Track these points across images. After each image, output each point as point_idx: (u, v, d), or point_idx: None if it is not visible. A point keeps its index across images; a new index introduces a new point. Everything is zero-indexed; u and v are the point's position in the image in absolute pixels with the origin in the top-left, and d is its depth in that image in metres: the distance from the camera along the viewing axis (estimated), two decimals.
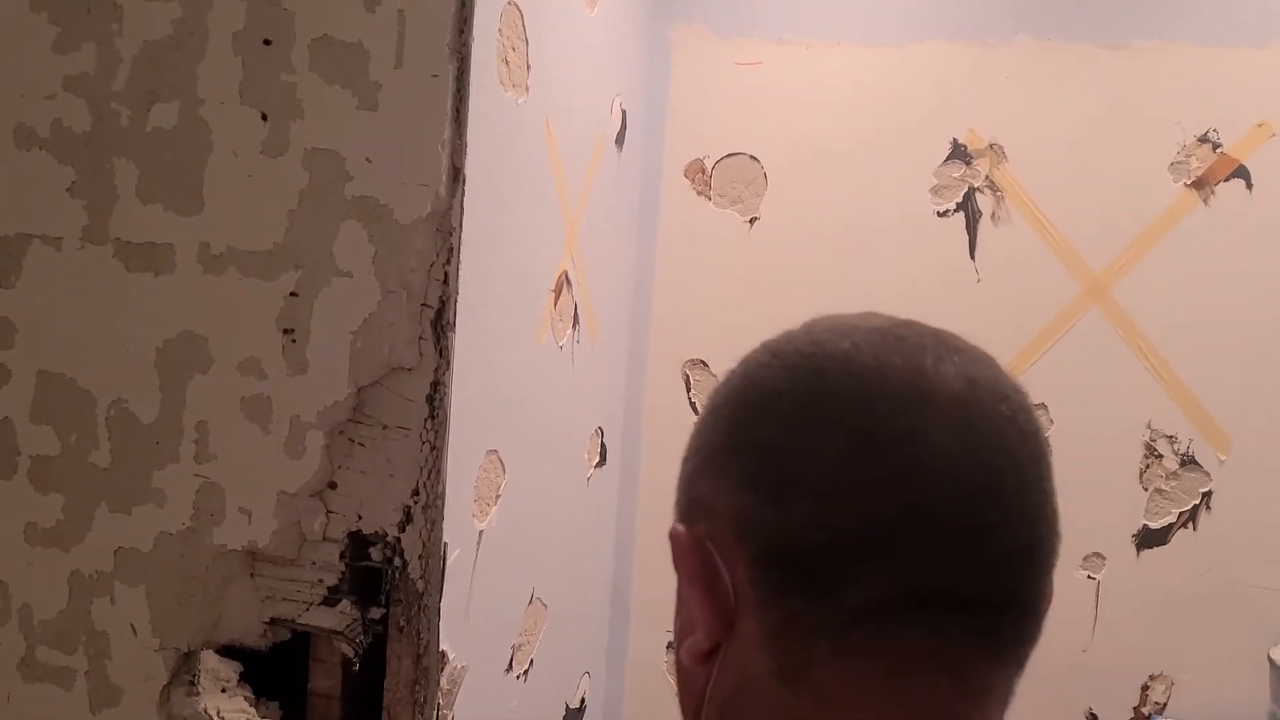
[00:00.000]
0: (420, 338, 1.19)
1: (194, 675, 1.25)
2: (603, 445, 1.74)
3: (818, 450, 0.48)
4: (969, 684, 0.48)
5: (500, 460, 1.35)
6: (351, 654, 1.21)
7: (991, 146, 1.63)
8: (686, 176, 1.78)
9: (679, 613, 0.54)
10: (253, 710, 1.23)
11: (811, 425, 0.49)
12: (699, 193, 1.79)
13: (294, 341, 1.23)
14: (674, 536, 0.53)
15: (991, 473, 0.47)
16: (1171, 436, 1.58)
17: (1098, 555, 1.62)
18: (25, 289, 1.33)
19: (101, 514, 1.29)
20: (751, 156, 1.74)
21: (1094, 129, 1.59)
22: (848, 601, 0.47)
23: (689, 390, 1.82)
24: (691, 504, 0.54)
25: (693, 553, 0.52)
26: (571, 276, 1.53)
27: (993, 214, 1.64)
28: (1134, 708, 1.61)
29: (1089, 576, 1.62)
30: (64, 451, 1.31)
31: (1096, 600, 1.60)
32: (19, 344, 1.33)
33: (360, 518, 1.21)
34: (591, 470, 1.71)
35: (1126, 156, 1.56)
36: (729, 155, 1.76)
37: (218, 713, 1.21)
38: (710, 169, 1.79)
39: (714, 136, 1.75)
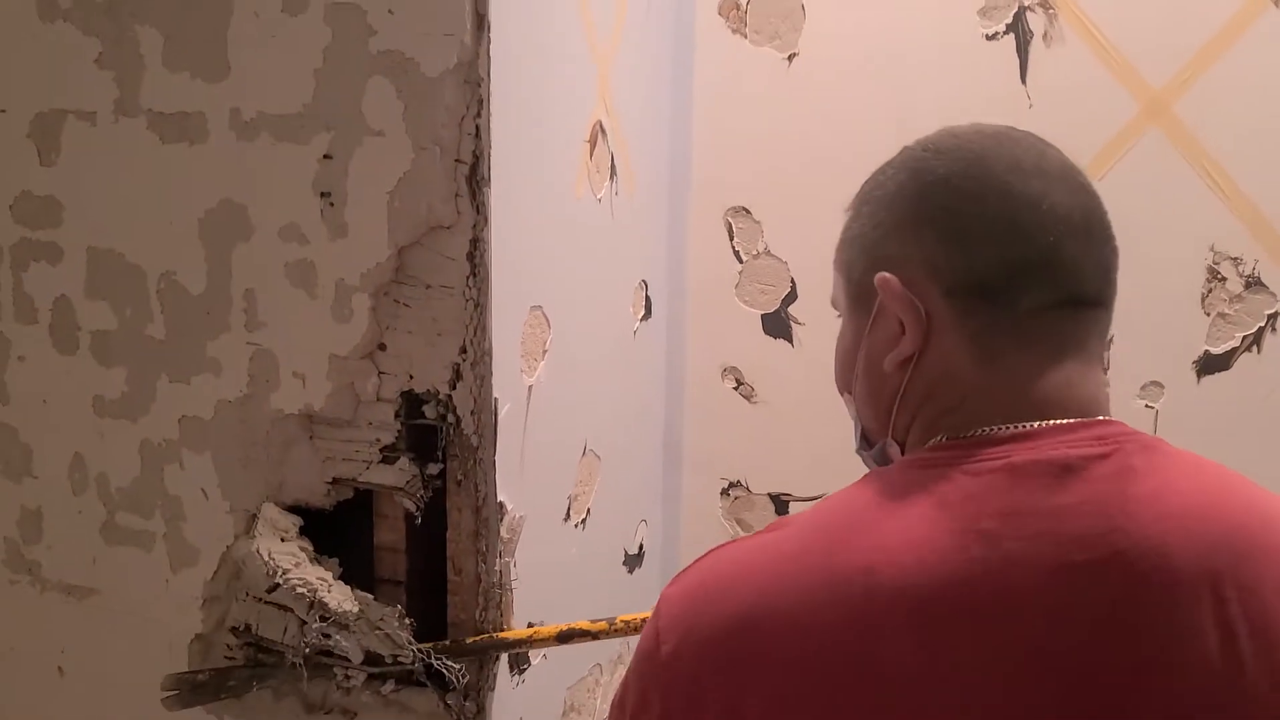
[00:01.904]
0: (456, 194, 1.18)
1: (255, 525, 1.30)
2: (647, 298, 1.74)
3: (988, 211, 0.71)
4: (1092, 356, 0.72)
5: (545, 316, 1.35)
6: (413, 508, 1.24)
7: None
8: (720, 14, 1.71)
9: (873, 342, 0.77)
10: (303, 555, 1.28)
11: (980, 195, 0.72)
12: (734, 30, 1.72)
13: (332, 205, 1.22)
14: (881, 283, 0.74)
15: (1092, 215, 0.72)
16: (1236, 258, 1.53)
17: (1156, 384, 1.59)
18: (66, 166, 1.34)
19: (163, 384, 1.33)
20: None
21: None
22: (1021, 307, 0.70)
23: (732, 239, 1.80)
24: (878, 261, 0.75)
25: (900, 289, 0.73)
26: (606, 126, 1.49)
27: (1045, 34, 1.55)
28: None
29: (1146, 405, 1.59)
30: (121, 325, 1.34)
31: (1154, 429, 1.58)
32: (66, 221, 1.35)
33: (411, 377, 1.22)
34: (638, 323, 1.71)
35: None
36: None
37: (269, 554, 1.26)
38: (745, 4, 1.71)
39: None
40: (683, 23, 1.75)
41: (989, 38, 1.58)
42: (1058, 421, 0.69)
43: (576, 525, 1.51)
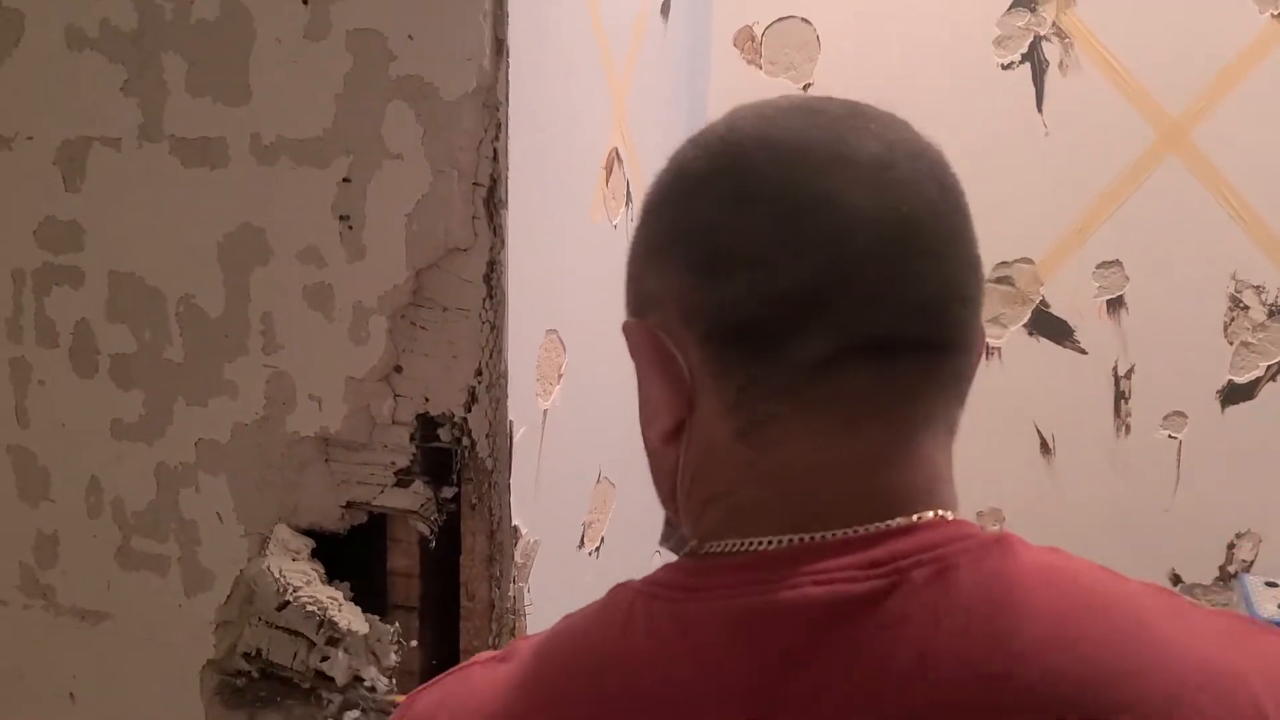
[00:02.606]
0: (474, 217, 1.18)
1: (267, 545, 1.30)
2: None
3: (747, 224, 0.51)
4: (915, 415, 0.52)
5: (560, 340, 1.35)
6: (427, 532, 1.23)
7: None
8: (736, 45, 1.72)
9: (641, 402, 0.58)
10: (315, 575, 1.27)
11: (739, 202, 0.52)
12: (749, 61, 1.73)
13: (350, 228, 1.23)
14: (626, 330, 0.57)
15: (913, 223, 0.51)
16: (1259, 286, 1.52)
17: (1179, 414, 1.57)
18: (90, 191, 1.35)
19: (180, 407, 1.33)
20: (803, 19, 1.67)
21: None
22: (797, 358, 0.51)
23: None
24: (640, 299, 0.58)
25: (646, 341, 0.56)
26: (622, 153, 1.50)
27: (1060, 62, 1.56)
28: (1220, 566, 1.58)
29: (1170, 436, 1.57)
30: (140, 349, 1.35)
31: (1178, 459, 1.56)
32: (89, 246, 1.36)
33: (427, 400, 1.22)
34: None
35: None
36: (779, 20, 1.69)
37: (280, 572, 1.25)
38: (760, 35, 1.73)
39: (763, 1, 1.69)
40: (698, 53, 1.77)
41: (1004, 67, 1.59)
42: (825, 536, 0.50)
43: (591, 553, 1.49)
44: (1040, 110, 1.57)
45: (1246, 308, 1.52)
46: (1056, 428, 1.63)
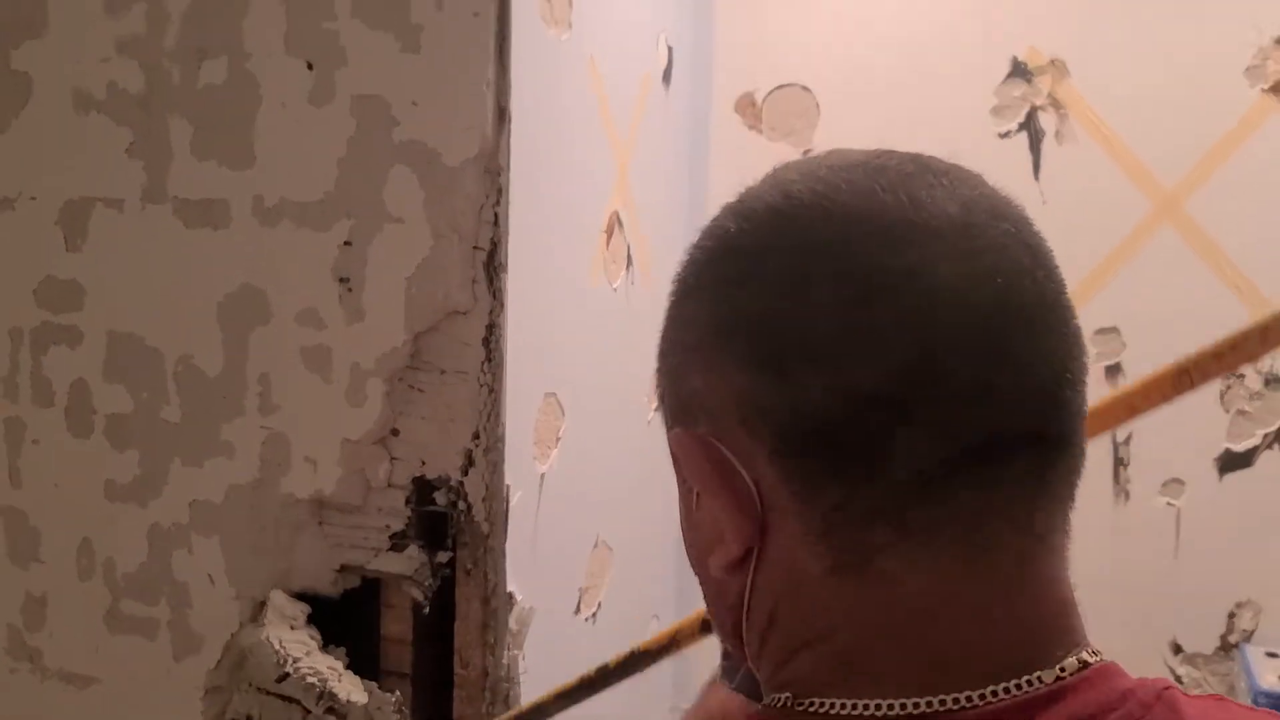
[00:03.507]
0: (474, 281, 1.19)
1: (263, 614, 1.28)
2: None
3: (817, 310, 0.43)
4: (1035, 529, 0.44)
5: (559, 403, 1.35)
6: (421, 598, 1.22)
7: (1053, 62, 1.57)
8: (737, 111, 1.75)
9: (694, 526, 0.50)
10: (314, 644, 1.25)
11: (804, 283, 0.43)
12: (750, 126, 1.76)
13: (350, 290, 1.23)
14: (676, 443, 0.48)
15: (1010, 298, 0.43)
16: None
17: (1177, 481, 1.57)
18: (91, 252, 1.36)
19: (175, 468, 1.33)
20: (803, 87, 1.70)
21: (1162, 35, 1.52)
22: (895, 474, 0.42)
23: None
24: (685, 405, 0.48)
25: (703, 454, 0.46)
26: (623, 217, 1.52)
27: (1057, 132, 1.58)
28: (1221, 636, 1.57)
29: (1168, 503, 1.57)
30: (137, 409, 1.34)
31: (1177, 527, 1.56)
32: (88, 306, 1.36)
33: (423, 463, 1.22)
34: (651, 413, 1.70)
35: (1198, 63, 1.48)
36: (780, 87, 1.72)
37: (279, 642, 1.23)
38: (761, 102, 1.75)
39: (763, 68, 1.71)
40: (699, 118, 1.79)
41: (1002, 136, 1.61)
42: (962, 701, 0.42)
43: (587, 619, 1.48)
44: (1037, 178, 1.59)
45: (1242, 376, 1.52)
46: None
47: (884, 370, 0.42)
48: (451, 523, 1.21)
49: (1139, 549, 1.53)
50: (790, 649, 0.46)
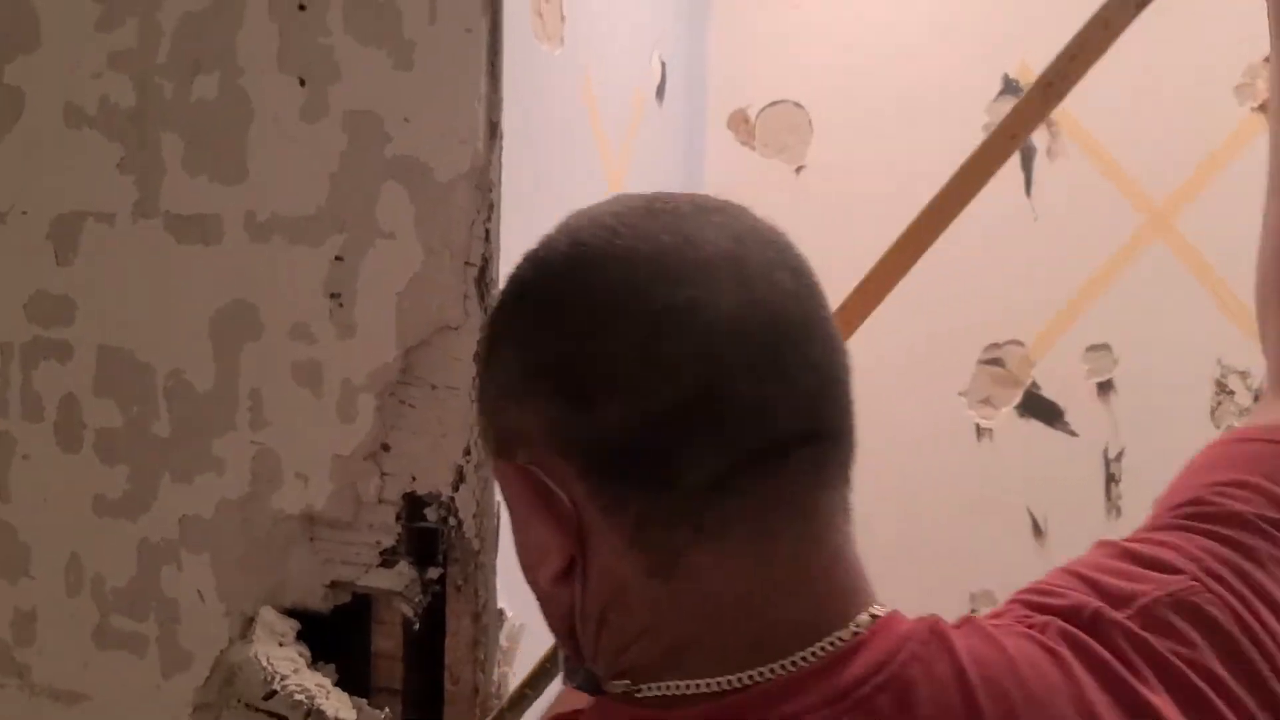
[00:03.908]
0: (465, 296, 1.19)
1: (252, 630, 1.27)
2: None
3: (610, 346, 0.49)
4: (817, 513, 0.51)
5: None
6: (411, 614, 1.22)
7: None
8: (730, 127, 1.76)
9: (522, 545, 0.55)
10: (302, 663, 1.24)
11: (599, 323, 0.49)
12: (743, 143, 1.76)
13: (341, 305, 1.23)
14: (498, 473, 0.54)
15: (779, 319, 0.50)
16: (1244, 372, 1.53)
17: None
18: (82, 266, 1.36)
19: (165, 483, 1.32)
20: (796, 103, 1.71)
21: (1152, 52, 1.53)
22: (689, 482, 0.48)
23: None
24: (503, 439, 0.54)
25: (521, 483, 0.52)
26: None
27: (1048, 149, 1.59)
28: None
29: None
30: (126, 424, 1.34)
31: None
32: (79, 320, 1.36)
33: (414, 479, 1.21)
34: None
35: (1188, 81, 1.50)
36: (773, 104, 1.73)
37: (267, 659, 1.23)
38: (754, 118, 1.76)
39: (756, 85, 1.72)
40: (693, 134, 1.80)
41: None
42: (777, 670, 0.48)
43: None
44: (1029, 195, 1.60)
45: (1232, 393, 1.53)
46: (1048, 510, 1.62)
47: (672, 395, 0.48)
48: (442, 539, 1.21)
49: None
50: (622, 646, 0.52)
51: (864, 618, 0.50)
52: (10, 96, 1.37)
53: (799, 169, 1.74)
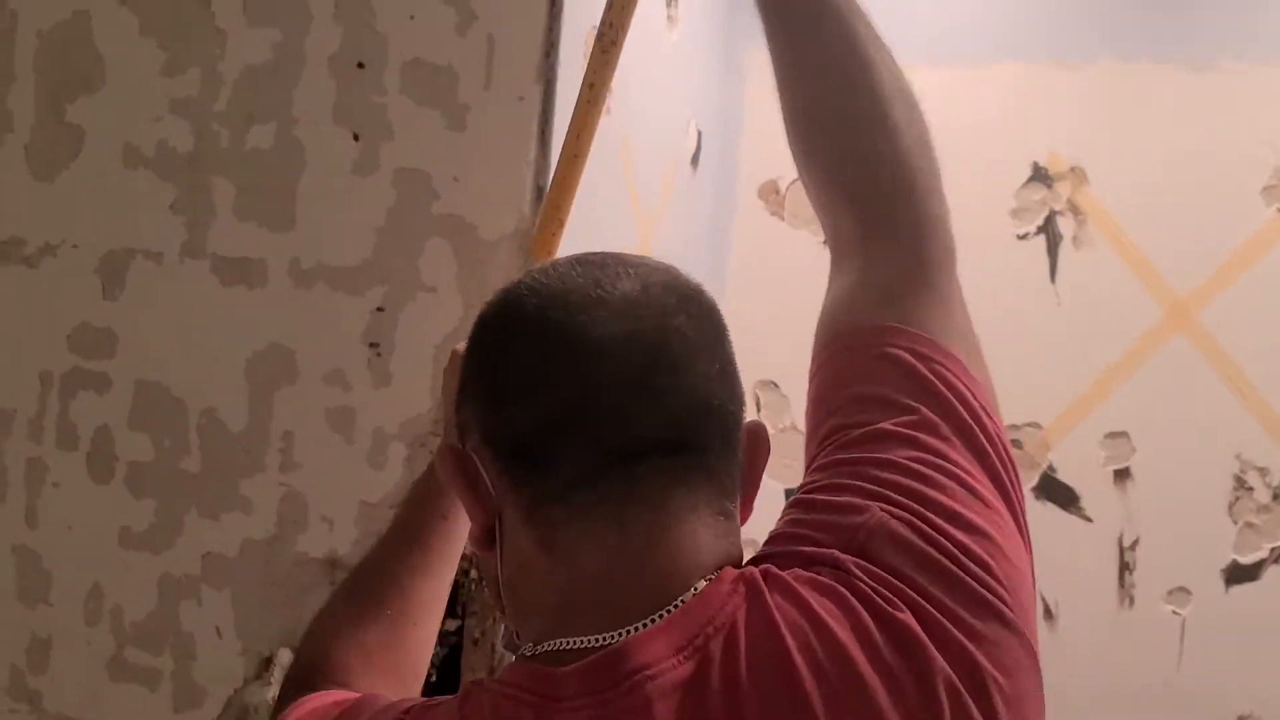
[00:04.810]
0: None
1: (270, 671, 1.28)
2: None
3: (516, 360, 0.63)
4: (669, 508, 0.61)
5: None
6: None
7: (1073, 169, 1.61)
8: (760, 197, 1.79)
9: (468, 519, 0.68)
10: None
11: (509, 340, 0.64)
12: (773, 213, 1.80)
13: (379, 355, 1.26)
14: (439, 453, 0.69)
15: (658, 348, 0.61)
16: (1263, 469, 1.54)
17: (1183, 590, 1.57)
18: (127, 302, 1.39)
19: (191, 519, 1.34)
20: None
21: (1180, 151, 1.56)
22: (565, 471, 0.61)
23: (759, 410, 1.82)
24: (458, 428, 0.69)
25: (454, 463, 0.66)
26: None
27: (1074, 237, 1.62)
28: None
29: (1174, 612, 1.57)
30: (158, 458, 1.36)
31: (1181, 636, 1.56)
32: (119, 354, 1.39)
33: None
34: None
35: (1215, 180, 1.53)
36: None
37: None
38: (784, 190, 1.80)
39: (788, 158, 1.75)
40: (723, 202, 1.83)
41: (1020, 237, 1.65)
42: (637, 629, 0.59)
43: None
44: (1053, 281, 1.63)
45: (1251, 489, 1.54)
46: (1060, 594, 1.63)
47: (557, 401, 0.61)
48: (462, 591, 1.22)
49: (1143, 654, 1.54)
50: (525, 612, 0.65)
51: (701, 583, 0.61)
52: (70, 134, 1.41)
53: (824, 243, 1.77)
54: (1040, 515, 1.64)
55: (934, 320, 0.72)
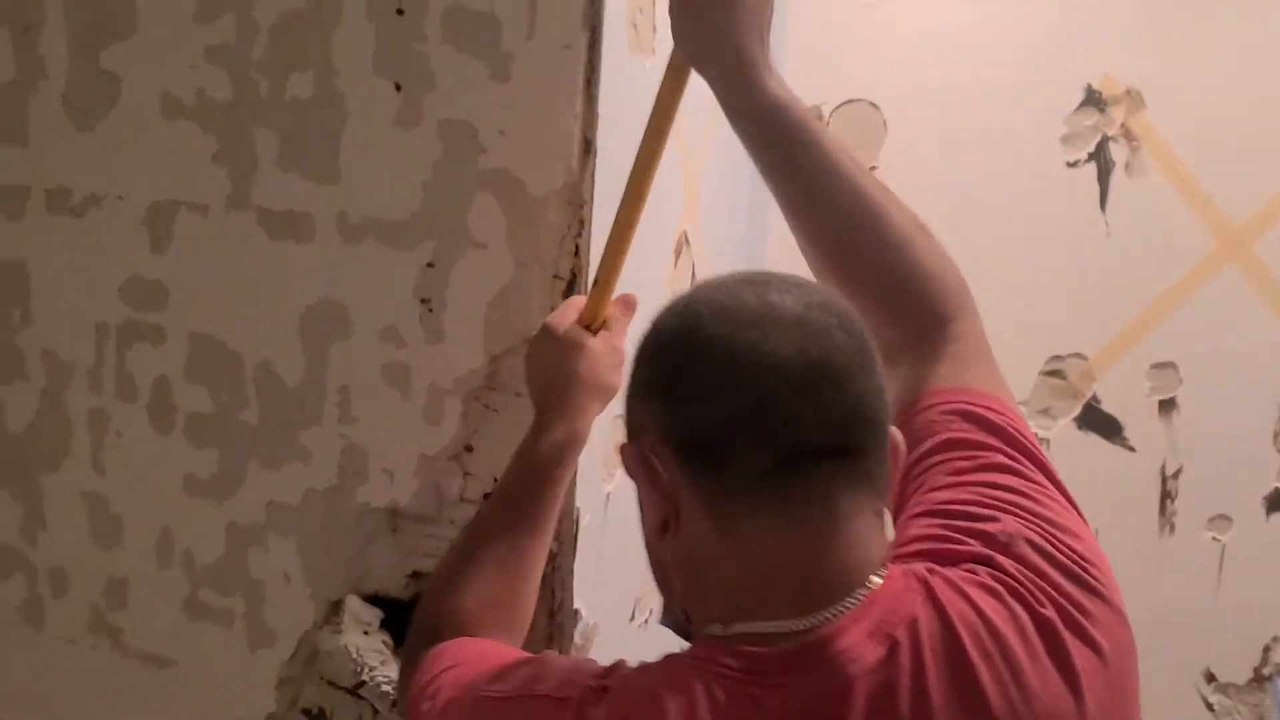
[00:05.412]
0: (551, 309, 1.21)
1: (339, 616, 1.33)
2: None
3: (697, 369, 0.71)
4: (839, 508, 0.70)
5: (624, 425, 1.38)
6: None
7: (1128, 92, 1.56)
8: None
9: (640, 508, 0.78)
10: (389, 652, 1.31)
11: (691, 354, 0.71)
12: None
13: (431, 311, 1.26)
14: (622, 451, 0.77)
15: (822, 361, 0.69)
16: None
17: (1224, 517, 1.60)
18: (176, 254, 1.39)
19: (253, 469, 1.37)
20: (871, 103, 1.70)
21: (1240, 73, 1.51)
22: (745, 468, 0.69)
23: None
24: (633, 425, 0.77)
25: (636, 459, 0.75)
26: (690, 236, 1.53)
27: (1127, 164, 1.58)
28: (1254, 668, 1.61)
29: (1214, 538, 1.60)
30: (216, 409, 1.38)
31: (1220, 563, 1.59)
32: (171, 306, 1.40)
33: (496, 480, 1.25)
34: None
35: (1275, 108, 1.48)
36: (847, 102, 1.72)
37: (356, 650, 1.29)
38: (828, 116, 1.75)
39: (832, 83, 1.71)
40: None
41: (1070, 165, 1.61)
42: (830, 616, 0.69)
43: (640, 625, 1.53)
44: (1103, 210, 1.60)
45: None
46: (1100, 523, 1.63)
47: (732, 407, 0.69)
48: None
49: (1181, 581, 1.57)
50: (704, 591, 0.73)
51: (874, 578, 0.71)
52: (107, 82, 1.39)
53: (872, 168, 1.74)
54: (1082, 445, 1.66)
55: (966, 372, 0.85)
